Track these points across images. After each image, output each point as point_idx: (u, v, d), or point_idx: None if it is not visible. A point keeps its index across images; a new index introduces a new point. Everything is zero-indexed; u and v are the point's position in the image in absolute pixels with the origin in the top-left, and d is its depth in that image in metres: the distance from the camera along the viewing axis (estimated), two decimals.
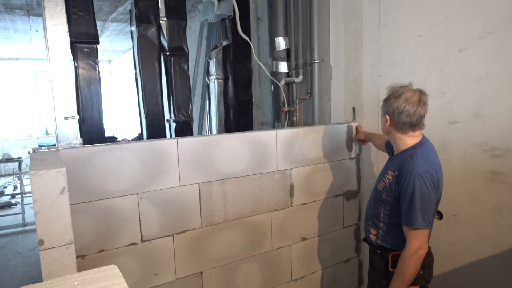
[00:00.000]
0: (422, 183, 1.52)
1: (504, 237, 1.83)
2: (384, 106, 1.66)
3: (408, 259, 1.54)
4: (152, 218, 1.91)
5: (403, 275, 1.55)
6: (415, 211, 1.52)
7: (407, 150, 1.64)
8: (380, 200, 1.71)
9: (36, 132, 9.84)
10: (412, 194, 1.52)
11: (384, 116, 1.66)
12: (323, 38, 2.80)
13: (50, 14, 2.08)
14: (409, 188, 1.53)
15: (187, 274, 2.05)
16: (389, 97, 1.64)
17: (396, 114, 1.61)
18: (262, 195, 2.24)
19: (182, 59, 2.87)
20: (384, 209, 1.70)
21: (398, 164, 1.63)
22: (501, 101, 1.78)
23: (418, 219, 1.52)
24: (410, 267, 1.54)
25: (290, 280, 2.45)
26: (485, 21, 1.81)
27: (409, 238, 1.56)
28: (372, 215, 1.79)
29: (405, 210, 1.56)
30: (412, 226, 1.53)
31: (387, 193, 1.66)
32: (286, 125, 3.08)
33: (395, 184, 1.62)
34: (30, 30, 6.13)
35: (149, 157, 1.87)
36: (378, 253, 1.78)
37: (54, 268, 1.30)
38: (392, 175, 1.64)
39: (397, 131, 1.65)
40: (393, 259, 1.69)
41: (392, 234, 1.70)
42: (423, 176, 1.53)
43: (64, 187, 1.28)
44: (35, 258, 4.19)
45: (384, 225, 1.72)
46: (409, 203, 1.54)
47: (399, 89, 1.62)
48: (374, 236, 1.78)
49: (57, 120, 2.13)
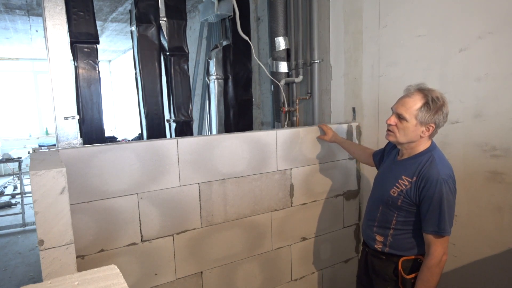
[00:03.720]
0: (448, 189, 1.47)
1: (504, 237, 1.83)
2: (429, 115, 1.48)
3: (435, 267, 1.49)
4: (152, 218, 1.91)
5: (429, 284, 1.50)
6: (445, 218, 1.46)
7: (421, 154, 1.56)
8: (394, 206, 1.60)
9: (36, 132, 9.83)
10: (440, 201, 1.46)
11: (428, 125, 1.50)
12: (323, 38, 2.80)
13: (50, 14, 2.08)
14: (436, 195, 1.46)
15: (187, 274, 2.05)
16: (435, 106, 1.48)
17: (443, 122, 1.52)
18: (262, 195, 2.24)
19: (182, 59, 2.87)
20: (398, 215, 1.61)
21: (414, 169, 1.54)
22: (501, 101, 1.78)
23: (447, 227, 1.47)
24: (436, 275, 1.49)
25: (290, 280, 2.45)
26: (485, 21, 1.81)
27: (433, 246, 1.49)
28: (381, 221, 1.68)
29: (430, 218, 1.49)
30: (442, 234, 1.47)
31: (404, 199, 1.56)
32: (286, 125, 3.08)
33: (415, 190, 1.52)
34: (30, 30, 6.13)
35: (149, 157, 1.87)
36: (382, 259, 1.70)
37: (54, 268, 1.30)
38: (409, 181, 1.54)
39: (428, 137, 1.56)
40: (403, 265, 1.62)
41: (403, 240, 1.63)
42: (448, 182, 1.48)
43: (64, 187, 1.28)
44: (35, 258, 4.19)
45: (395, 232, 1.63)
46: (437, 211, 1.47)
47: (438, 93, 1.51)
48: (381, 244, 1.68)
49: (57, 120, 2.13)
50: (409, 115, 1.51)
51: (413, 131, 1.52)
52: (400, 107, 1.54)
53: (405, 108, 1.52)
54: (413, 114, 1.50)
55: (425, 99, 1.49)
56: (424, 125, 1.50)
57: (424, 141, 1.57)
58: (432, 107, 1.47)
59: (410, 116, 1.50)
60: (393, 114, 1.59)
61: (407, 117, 1.51)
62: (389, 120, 1.58)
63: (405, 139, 1.55)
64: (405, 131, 1.53)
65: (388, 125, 1.60)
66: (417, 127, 1.51)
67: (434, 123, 1.50)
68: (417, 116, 1.49)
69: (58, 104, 2.12)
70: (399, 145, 1.63)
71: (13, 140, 9.37)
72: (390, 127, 1.59)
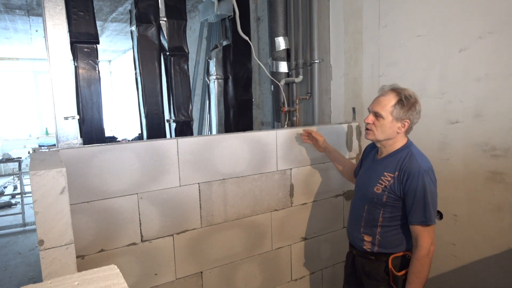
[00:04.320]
0: (429, 180, 1.54)
1: (504, 237, 1.83)
2: (403, 111, 1.57)
3: (424, 258, 1.53)
4: (152, 218, 1.91)
5: (421, 275, 1.54)
6: (429, 208, 1.52)
7: (399, 150, 1.64)
8: (380, 203, 1.65)
9: (36, 132, 9.84)
10: (424, 192, 1.52)
11: (402, 121, 1.59)
12: (323, 38, 2.80)
13: (50, 14, 2.08)
14: (420, 186, 1.53)
15: (187, 274, 2.05)
16: (408, 102, 1.57)
17: (416, 118, 1.61)
18: (262, 195, 2.24)
19: (182, 59, 2.87)
20: (384, 212, 1.65)
21: (395, 164, 1.62)
22: (501, 101, 1.78)
23: (432, 216, 1.53)
24: (426, 265, 1.54)
25: (290, 280, 2.45)
26: (485, 21, 1.81)
27: (421, 237, 1.54)
28: (367, 220, 1.72)
29: (416, 210, 1.54)
30: (428, 223, 1.53)
31: (389, 194, 1.61)
32: (286, 125, 3.08)
33: (398, 185, 1.59)
34: (30, 30, 6.13)
35: (149, 157, 1.87)
36: (371, 260, 1.72)
37: (54, 268, 1.30)
38: (392, 176, 1.61)
39: (404, 134, 1.65)
40: (393, 262, 1.66)
41: (391, 237, 1.67)
42: (429, 173, 1.55)
43: (64, 187, 1.28)
44: (35, 258, 4.19)
45: (382, 229, 1.67)
46: (422, 201, 1.53)
47: (410, 91, 1.60)
48: (369, 244, 1.71)
49: (57, 120, 2.13)
50: (385, 112, 1.59)
51: (390, 128, 1.61)
52: (376, 105, 1.63)
53: (381, 106, 1.61)
54: (388, 111, 1.59)
55: (398, 96, 1.58)
56: (399, 121, 1.59)
57: (400, 138, 1.65)
58: (405, 104, 1.57)
59: (386, 113, 1.59)
60: (370, 113, 1.66)
61: (383, 114, 1.60)
62: (367, 119, 1.66)
63: (383, 136, 1.64)
64: (382, 128, 1.62)
65: (366, 124, 1.67)
66: (393, 123, 1.60)
67: (408, 119, 1.59)
68: (392, 113, 1.58)
69: (58, 104, 2.12)
70: (378, 142, 1.69)
71: (13, 140, 9.38)
72: (368, 125, 1.66)
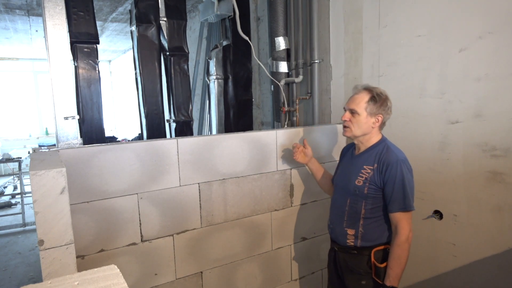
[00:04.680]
0: (406, 169, 1.66)
1: (504, 237, 1.83)
2: (376, 107, 1.70)
3: (404, 243, 1.63)
4: (152, 218, 1.91)
5: (401, 261, 1.64)
6: (408, 195, 1.63)
7: (376, 145, 1.76)
8: (362, 195, 1.73)
9: (36, 132, 9.84)
10: (402, 180, 1.63)
11: (376, 116, 1.72)
12: (323, 38, 2.80)
13: (50, 14, 2.08)
14: (398, 175, 1.64)
15: (187, 274, 2.05)
16: (379, 99, 1.70)
17: (388, 113, 1.74)
18: (262, 195, 2.24)
19: (182, 59, 2.87)
20: (366, 203, 1.73)
21: (373, 157, 1.73)
22: (501, 101, 1.78)
23: (411, 202, 1.64)
24: (406, 250, 1.64)
25: (290, 280, 2.45)
26: (485, 21, 1.81)
27: (400, 224, 1.64)
28: (350, 214, 1.78)
29: (396, 198, 1.64)
30: (407, 210, 1.63)
31: (370, 186, 1.71)
32: (286, 125, 3.08)
33: (378, 176, 1.69)
34: (30, 30, 6.13)
35: (149, 157, 1.87)
36: (354, 254, 1.78)
37: (54, 268, 1.30)
38: (371, 169, 1.71)
39: (379, 128, 1.77)
40: (375, 255, 1.74)
41: (373, 229, 1.75)
42: (405, 163, 1.68)
43: (64, 187, 1.28)
44: (35, 258, 4.19)
45: (365, 221, 1.75)
46: (400, 189, 1.63)
47: (381, 89, 1.74)
48: (353, 237, 1.77)
49: (57, 120, 2.13)
50: (359, 109, 1.72)
51: (365, 123, 1.72)
52: (351, 103, 1.75)
53: (356, 103, 1.73)
54: (363, 107, 1.71)
55: (371, 94, 1.71)
56: (373, 116, 1.72)
57: (375, 134, 1.77)
58: (378, 100, 1.70)
59: (360, 109, 1.71)
60: (346, 111, 1.77)
61: (359, 110, 1.72)
62: (344, 117, 1.77)
63: (360, 131, 1.75)
64: (358, 123, 1.73)
65: (343, 121, 1.78)
66: (368, 118, 1.72)
67: (381, 114, 1.72)
68: (366, 109, 1.71)
69: (58, 104, 2.12)
70: (355, 138, 1.80)
71: (13, 140, 9.37)
72: (345, 123, 1.77)
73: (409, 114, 2.22)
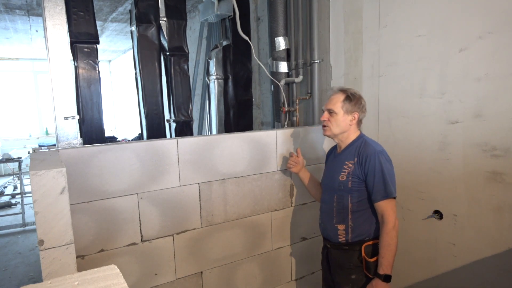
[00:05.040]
0: (384, 159, 1.75)
1: (504, 237, 1.83)
2: (351, 105, 1.82)
3: (391, 230, 1.70)
4: (152, 218, 1.91)
5: (391, 248, 1.70)
6: (388, 183, 1.72)
7: (355, 141, 1.86)
8: (346, 190, 1.81)
9: (36, 132, 9.84)
10: (381, 169, 1.73)
11: (352, 114, 1.83)
12: (323, 38, 2.80)
13: (50, 14, 2.08)
14: (377, 165, 1.73)
15: (187, 274, 2.05)
16: (354, 98, 1.82)
17: (363, 111, 1.85)
18: (262, 195, 2.24)
19: (182, 59, 2.87)
20: (352, 197, 1.81)
21: (353, 152, 1.83)
22: (501, 101, 1.78)
23: (393, 190, 1.72)
24: (394, 237, 1.70)
25: (290, 280, 2.45)
26: (485, 21, 1.81)
27: (386, 212, 1.71)
28: (338, 210, 1.86)
29: (377, 187, 1.72)
30: (389, 197, 1.71)
31: (353, 179, 1.79)
32: (286, 125, 3.08)
33: (359, 168, 1.78)
34: (30, 30, 6.14)
35: (149, 157, 1.87)
36: (345, 250, 1.84)
37: (54, 268, 1.30)
38: (352, 163, 1.81)
39: (356, 126, 1.87)
40: (366, 250, 1.79)
41: (362, 223, 1.81)
42: (383, 153, 1.77)
43: (64, 187, 1.28)
44: (35, 258, 4.19)
45: (353, 215, 1.81)
46: (381, 179, 1.72)
47: (354, 90, 1.87)
48: (343, 232, 1.84)
49: (57, 120, 2.13)
50: (336, 108, 1.83)
51: (343, 121, 1.84)
52: (329, 104, 1.87)
53: (332, 103, 1.85)
54: (339, 106, 1.83)
55: (345, 94, 1.84)
56: (350, 114, 1.83)
57: (353, 131, 1.88)
58: (352, 99, 1.83)
59: (337, 109, 1.83)
60: (324, 112, 1.88)
61: (336, 110, 1.83)
62: (322, 117, 1.88)
63: (339, 130, 1.85)
64: (336, 122, 1.84)
65: (322, 121, 1.89)
66: (345, 116, 1.83)
67: (357, 112, 1.84)
68: (343, 107, 1.83)
69: (58, 104, 2.12)
70: (335, 137, 1.90)
71: (13, 140, 9.38)
72: (325, 122, 1.88)
73: (409, 114, 2.22)
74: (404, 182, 2.27)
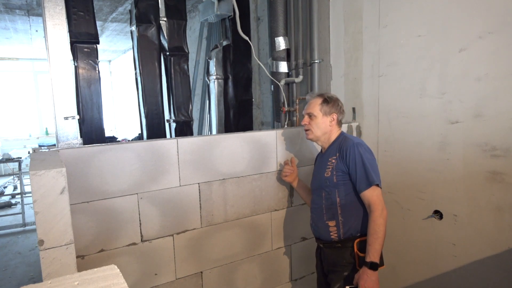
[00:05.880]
0: (363, 149, 1.80)
1: (504, 237, 1.83)
2: (329, 107, 1.89)
3: (379, 218, 1.72)
4: (152, 218, 1.91)
5: (379, 235, 1.71)
6: (369, 172, 1.75)
7: (336, 139, 1.92)
8: (332, 185, 1.85)
9: (36, 132, 9.84)
10: (361, 159, 1.77)
11: (331, 115, 1.90)
12: (323, 38, 2.80)
13: (50, 14, 2.08)
14: (357, 156, 1.78)
15: (187, 274, 2.05)
16: (331, 100, 1.90)
17: (341, 112, 1.92)
18: (262, 195, 2.25)
19: (182, 59, 2.87)
20: (339, 192, 1.84)
21: (335, 149, 1.88)
22: (501, 101, 1.78)
23: (374, 177, 1.75)
24: (382, 225, 1.72)
25: (289, 280, 2.45)
26: (485, 21, 1.81)
27: (372, 200, 1.75)
28: (327, 206, 1.88)
29: (360, 177, 1.76)
30: (372, 184, 1.74)
31: (337, 173, 1.83)
32: (286, 125, 3.08)
33: (341, 162, 1.83)
34: (30, 30, 6.14)
35: (149, 157, 1.87)
36: (338, 248, 1.85)
37: (54, 268, 1.30)
38: (335, 158, 1.86)
39: (336, 126, 1.93)
40: (358, 246, 1.81)
41: (351, 217, 1.83)
42: (362, 144, 1.83)
43: (64, 187, 1.28)
44: (35, 258, 4.19)
45: (342, 210, 1.84)
46: (362, 168, 1.76)
47: (331, 93, 1.95)
48: (335, 229, 1.86)
49: (57, 120, 2.13)
50: (315, 111, 1.90)
51: (323, 123, 1.90)
52: (308, 108, 1.93)
53: (311, 107, 1.92)
54: (318, 109, 1.90)
55: (322, 97, 1.91)
56: (328, 115, 1.90)
57: (334, 131, 1.93)
58: (329, 101, 1.90)
59: (316, 112, 1.90)
60: (305, 116, 1.94)
61: (315, 113, 1.90)
62: (303, 121, 1.94)
63: (320, 132, 1.91)
64: (317, 125, 1.90)
65: (304, 125, 1.94)
66: (324, 118, 1.90)
67: (335, 113, 1.90)
68: (321, 110, 1.90)
69: (58, 104, 2.12)
70: (318, 140, 1.95)
71: (13, 140, 9.38)
72: (306, 126, 1.93)
73: (409, 114, 2.22)
74: (404, 182, 2.27)
